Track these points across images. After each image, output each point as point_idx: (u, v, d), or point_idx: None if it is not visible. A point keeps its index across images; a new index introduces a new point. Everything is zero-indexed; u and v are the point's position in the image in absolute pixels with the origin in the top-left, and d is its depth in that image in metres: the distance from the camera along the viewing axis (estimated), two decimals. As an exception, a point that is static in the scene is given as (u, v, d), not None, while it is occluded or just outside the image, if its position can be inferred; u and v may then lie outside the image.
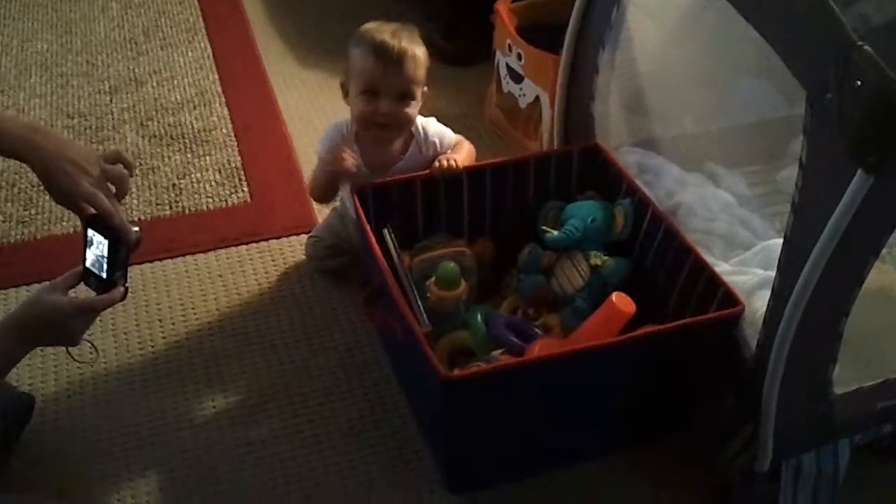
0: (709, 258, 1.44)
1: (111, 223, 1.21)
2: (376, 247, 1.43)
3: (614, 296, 1.38)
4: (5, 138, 1.16)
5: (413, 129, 1.64)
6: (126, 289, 1.24)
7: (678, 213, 1.57)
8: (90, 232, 1.23)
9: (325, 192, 1.68)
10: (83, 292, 1.29)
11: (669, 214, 1.53)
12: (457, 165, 1.58)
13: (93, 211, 1.21)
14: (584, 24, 1.60)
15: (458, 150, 1.64)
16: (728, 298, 1.35)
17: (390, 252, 1.48)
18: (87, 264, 1.24)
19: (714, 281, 1.38)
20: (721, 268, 1.43)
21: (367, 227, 1.45)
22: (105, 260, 1.23)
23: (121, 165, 1.26)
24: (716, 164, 1.74)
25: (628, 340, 1.32)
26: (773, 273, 1.24)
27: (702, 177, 1.68)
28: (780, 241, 1.21)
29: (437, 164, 1.58)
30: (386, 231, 1.50)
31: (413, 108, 1.59)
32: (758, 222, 1.59)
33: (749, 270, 1.42)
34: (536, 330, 1.52)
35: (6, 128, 1.17)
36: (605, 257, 1.55)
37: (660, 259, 1.51)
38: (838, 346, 1.21)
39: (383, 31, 1.57)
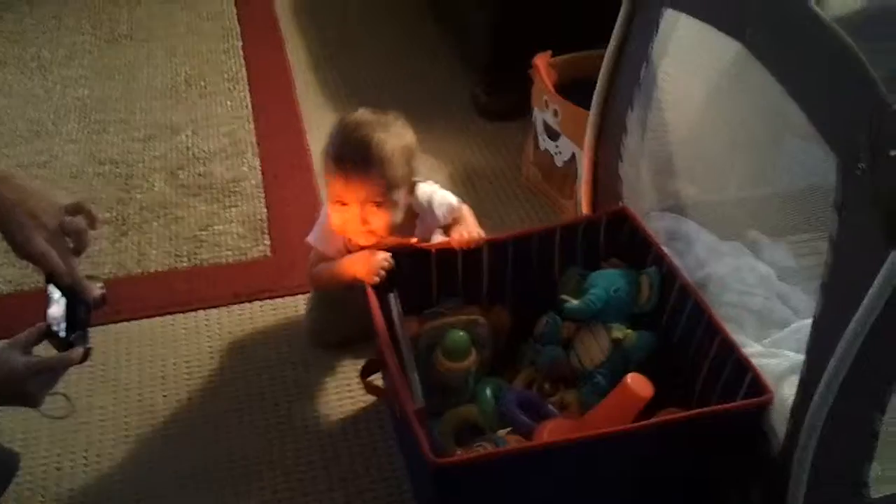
0: (740, 337, 1.32)
1: (62, 283, 1.15)
2: (378, 313, 1.34)
3: (629, 377, 1.27)
4: None
5: (415, 203, 1.56)
6: (87, 350, 1.18)
7: (709, 286, 1.44)
8: (50, 288, 1.18)
9: (330, 288, 1.61)
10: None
11: (699, 287, 1.42)
12: (479, 239, 1.50)
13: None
14: (613, 81, 1.51)
15: (467, 218, 1.56)
16: (757, 385, 1.22)
17: (393, 319, 1.39)
18: (48, 321, 1.18)
19: (742, 364, 1.26)
20: (752, 349, 1.31)
21: (371, 292, 1.37)
22: (64, 318, 1.17)
23: (81, 218, 1.20)
24: (759, 233, 1.62)
25: (644, 428, 1.21)
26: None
27: (739, 246, 1.55)
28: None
29: (456, 235, 1.50)
30: (391, 297, 1.40)
31: (391, 213, 1.49)
32: (799, 298, 1.45)
33: (781, 353, 1.29)
34: (551, 408, 1.41)
35: None
36: (628, 331, 1.43)
37: (687, 335, 1.39)
38: (874, 443, 1.07)
39: (353, 132, 1.48)
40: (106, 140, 2.29)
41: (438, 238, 1.61)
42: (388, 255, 1.43)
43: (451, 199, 1.60)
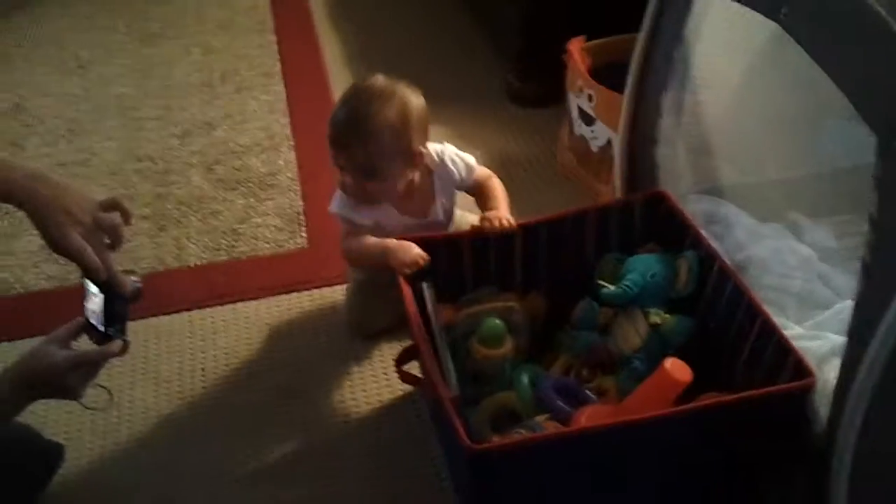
0: (781, 320, 1.30)
1: (98, 278, 1.16)
2: (411, 302, 1.34)
3: (668, 362, 1.25)
4: (5, 186, 1.13)
5: (428, 160, 1.55)
6: (125, 342, 1.19)
7: (749, 269, 1.42)
8: (87, 283, 1.19)
9: (361, 264, 1.60)
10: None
11: (739, 269, 1.39)
12: (510, 224, 1.48)
13: None
14: (647, 63, 1.49)
15: (500, 198, 1.54)
16: (799, 368, 1.20)
17: (426, 308, 1.38)
18: (86, 316, 1.20)
19: (784, 347, 1.23)
20: (794, 331, 1.29)
21: (404, 282, 1.36)
22: (102, 312, 1.18)
23: (117, 213, 1.21)
24: (799, 214, 1.59)
25: (683, 412, 1.19)
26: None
27: (779, 228, 1.53)
28: (861, 301, 1.06)
29: (486, 222, 1.48)
30: (425, 285, 1.40)
31: (386, 185, 1.49)
32: (841, 279, 1.43)
33: (823, 335, 1.26)
34: (588, 394, 1.40)
35: (7, 176, 1.14)
36: (666, 315, 1.41)
37: (726, 319, 1.37)
38: (922, 429, 1.05)
39: (346, 102, 1.48)
40: (143, 137, 2.31)
41: (465, 217, 1.61)
42: (424, 254, 1.41)
43: (468, 158, 1.59)
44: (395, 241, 1.44)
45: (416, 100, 1.49)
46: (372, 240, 1.50)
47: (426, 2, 2.89)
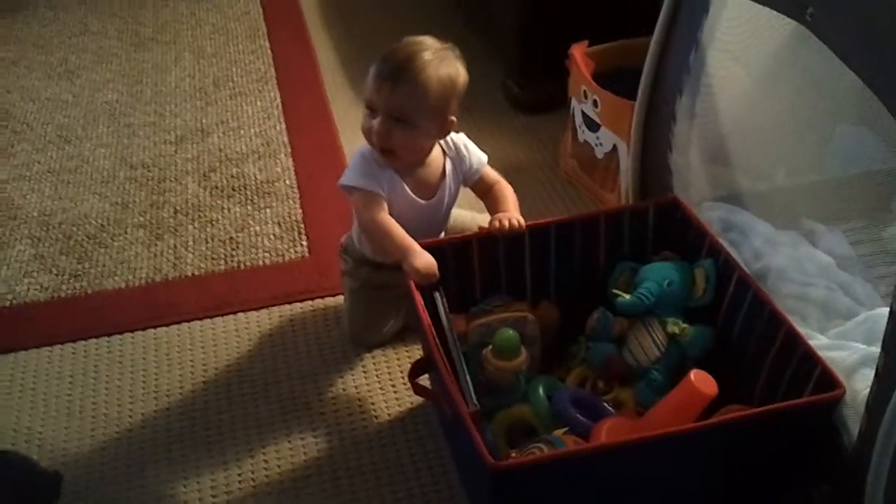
0: (804, 329, 1.27)
1: None
2: (424, 313, 1.30)
3: (693, 374, 1.21)
4: None
5: (444, 144, 1.55)
6: None
7: (768, 277, 1.39)
8: None
9: (376, 242, 1.55)
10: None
11: (757, 278, 1.36)
12: (520, 224, 1.45)
13: None
14: (660, 68, 1.47)
15: (509, 201, 1.51)
16: (826, 379, 1.17)
17: (440, 318, 1.34)
18: None
19: (810, 357, 1.20)
20: (818, 341, 1.26)
21: (416, 290, 1.33)
22: None
23: None
24: (813, 221, 1.56)
25: (709, 427, 1.16)
26: (877, 349, 1.06)
27: (796, 235, 1.50)
28: (887, 310, 1.03)
29: (496, 222, 1.45)
30: (437, 294, 1.36)
31: (411, 137, 1.47)
32: (861, 287, 1.40)
33: (849, 345, 1.24)
34: (607, 406, 1.37)
35: None
36: (684, 325, 1.39)
37: (747, 329, 1.34)
38: (961, 442, 1.02)
39: (405, 45, 1.46)
40: (137, 143, 2.26)
41: (461, 215, 1.61)
42: (436, 272, 1.37)
43: (482, 155, 1.59)
44: (418, 245, 1.40)
45: (463, 72, 1.50)
46: (399, 230, 1.44)
47: (421, 5, 2.85)
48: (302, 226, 1.96)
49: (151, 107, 2.41)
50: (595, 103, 1.90)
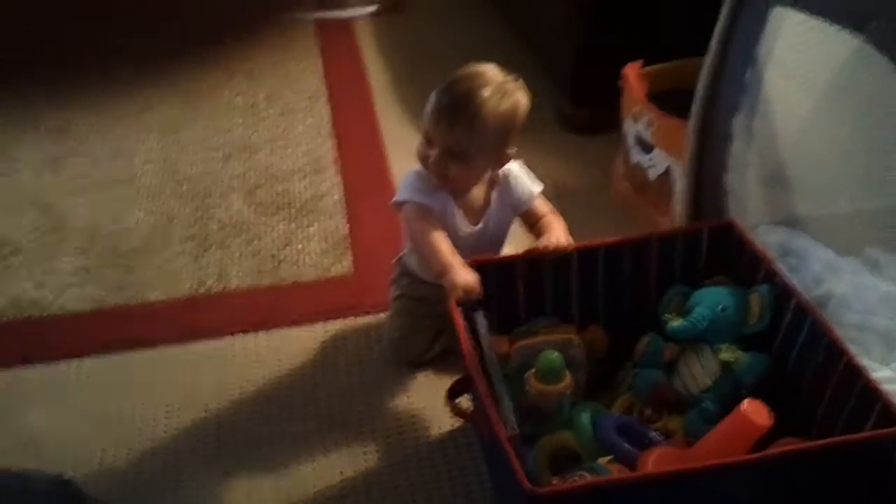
0: (865, 361, 1.20)
1: None
2: (464, 333, 1.26)
3: (746, 404, 1.16)
4: None
5: (494, 173, 1.51)
6: None
7: (828, 305, 1.33)
8: None
9: (421, 253, 1.52)
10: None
11: (817, 305, 1.30)
12: (567, 246, 1.41)
13: None
14: (716, 85, 1.42)
15: (555, 225, 1.47)
16: (888, 413, 1.10)
17: (479, 339, 1.30)
18: None
19: (871, 390, 1.14)
20: (881, 373, 1.20)
21: (455, 310, 1.29)
22: None
23: None
24: (877, 249, 1.49)
25: (761, 459, 1.10)
26: (945, 383, 1.00)
27: (858, 263, 1.43)
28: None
29: (543, 241, 1.42)
30: (477, 315, 1.32)
31: (467, 170, 1.45)
32: (926, 318, 1.33)
33: (914, 378, 1.17)
34: (655, 435, 1.31)
35: None
36: (738, 352, 1.33)
37: (805, 359, 1.28)
38: None
39: (466, 78, 1.43)
40: (185, 159, 2.26)
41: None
42: (479, 288, 1.33)
43: (533, 185, 1.54)
44: (460, 261, 1.37)
45: (525, 101, 1.47)
46: (448, 247, 1.41)
47: (474, 26, 2.83)
48: (347, 242, 1.94)
49: (202, 123, 2.41)
50: (649, 124, 1.85)
